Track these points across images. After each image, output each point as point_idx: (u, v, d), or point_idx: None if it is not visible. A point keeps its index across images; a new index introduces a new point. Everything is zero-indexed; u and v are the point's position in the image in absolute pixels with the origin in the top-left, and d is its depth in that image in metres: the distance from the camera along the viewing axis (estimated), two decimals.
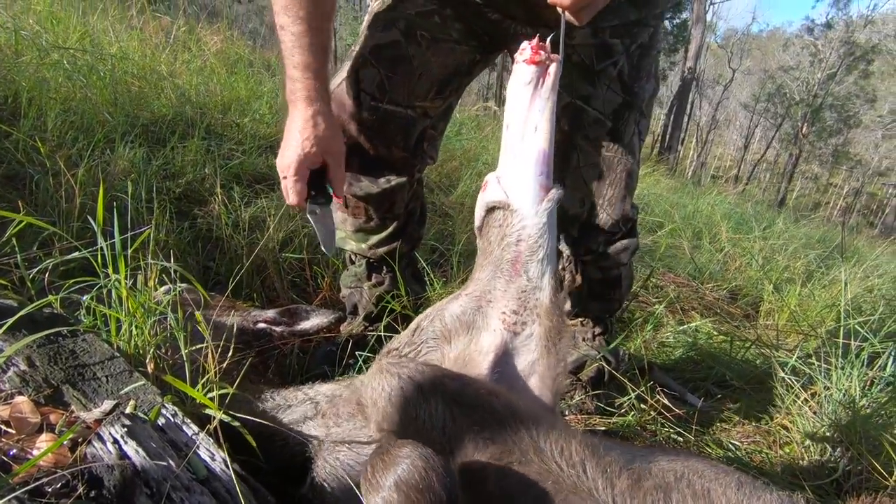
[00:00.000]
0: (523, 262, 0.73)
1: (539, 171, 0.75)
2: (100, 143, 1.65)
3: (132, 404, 0.61)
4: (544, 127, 0.76)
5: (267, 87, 3.19)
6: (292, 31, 0.86)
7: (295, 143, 0.88)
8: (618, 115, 1.08)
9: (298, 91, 0.88)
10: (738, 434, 1.42)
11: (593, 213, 1.14)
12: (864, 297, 2.54)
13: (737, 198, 6.60)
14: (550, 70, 0.78)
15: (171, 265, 0.71)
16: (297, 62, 0.87)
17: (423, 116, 1.11)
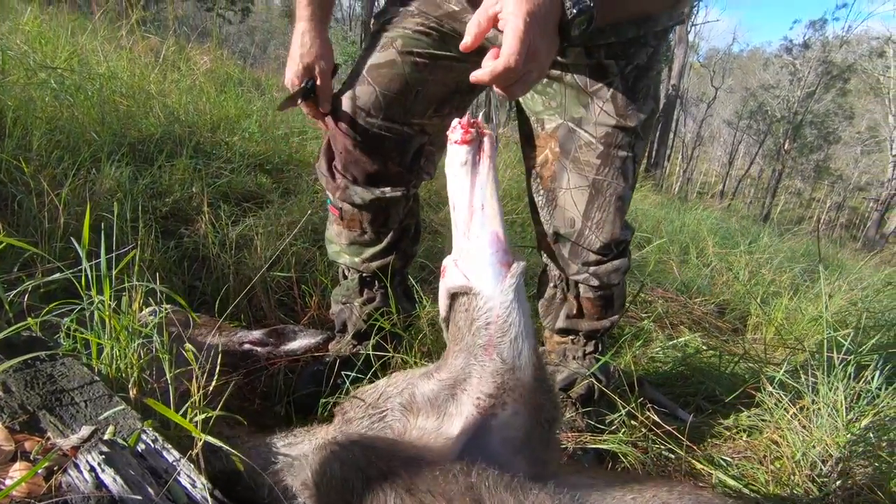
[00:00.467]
0: (495, 345, 0.69)
1: (494, 250, 0.72)
2: (85, 163, 1.64)
3: (111, 430, 0.59)
4: (490, 203, 0.74)
5: (256, 106, 3.20)
6: None
7: (296, 54, 1.06)
8: (610, 137, 1.06)
9: (299, 11, 1.06)
10: (728, 450, 1.42)
11: (583, 234, 1.13)
12: (849, 309, 2.57)
13: (722, 213, 6.70)
14: (485, 145, 0.76)
15: (157, 286, 0.69)
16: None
17: (420, 133, 1.11)
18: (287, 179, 2.37)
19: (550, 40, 0.77)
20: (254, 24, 22.89)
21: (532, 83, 0.78)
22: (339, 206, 1.16)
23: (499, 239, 0.73)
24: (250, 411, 0.90)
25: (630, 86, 1.04)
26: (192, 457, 0.58)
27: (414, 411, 0.72)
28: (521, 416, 0.66)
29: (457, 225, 0.77)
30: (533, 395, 0.67)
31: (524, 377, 0.67)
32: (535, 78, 0.78)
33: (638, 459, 1.22)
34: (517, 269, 0.72)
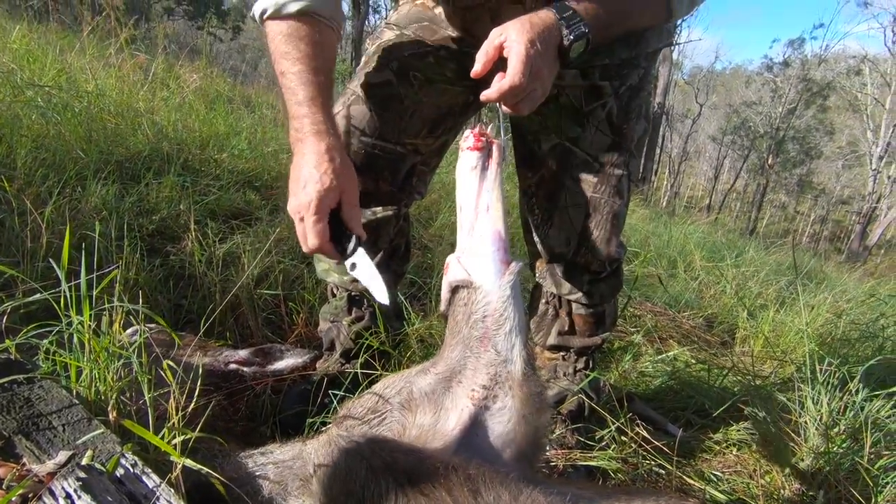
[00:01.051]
0: (490, 337, 0.74)
1: (496, 248, 0.78)
2: (71, 181, 1.63)
3: (89, 454, 0.58)
4: (495, 206, 0.80)
5: (246, 123, 3.21)
6: (292, 72, 0.86)
7: (312, 179, 0.81)
8: (606, 156, 1.08)
9: (306, 127, 0.85)
10: (719, 464, 1.41)
11: (579, 252, 1.14)
12: (834, 321, 2.60)
13: (709, 226, 6.79)
14: (493, 153, 0.83)
15: (138, 307, 0.69)
16: (300, 98, 0.85)
17: (412, 153, 1.11)
18: (276, 196, 2.36)
19: (551, 62, 0.84)
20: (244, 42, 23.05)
21: (537, 100, 0.84)
22: None
23: (501, 238, 0.79)
24: (235, 432, 0.88)
25: (624, 105, 1.08)
26: (172, 481, 0.57)
27: (412, 409, 0.74)
28: (511, 411, 0.68)
29: (462, 225, 0.82)
30: (522, 388, 0.69)
31: (515, 370, 0.70)
32: (540, 96, 0.84)
33: (628, 476, 1.21)
34: (516, 267, 0.78)
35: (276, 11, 0.86)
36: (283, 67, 0.87)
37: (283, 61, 0.87)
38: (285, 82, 0.87)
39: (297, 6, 0.86)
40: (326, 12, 0.89)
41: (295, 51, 0.86)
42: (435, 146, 1.15)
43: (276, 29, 0.88)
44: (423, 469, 0.56)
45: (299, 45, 0.86)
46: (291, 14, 0.86)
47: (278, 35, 0.87)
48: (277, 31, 0.88)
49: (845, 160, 27.41)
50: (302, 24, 0.87)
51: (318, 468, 0.61)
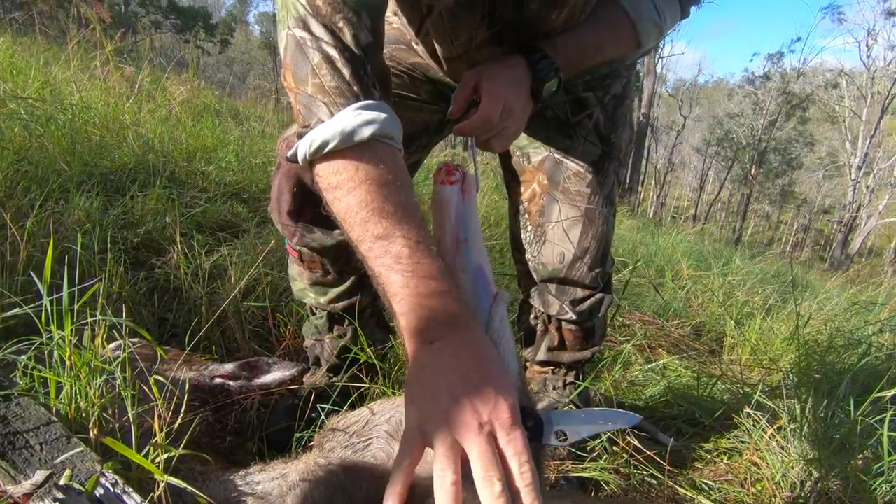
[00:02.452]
0: None
1: (480, 281, 0.76)
2: (54, 193, 1.60)
3: (67, 474, 0.56)
4: (474, 238, 0.78)
5: (234, 135, 3.20)
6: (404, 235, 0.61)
7: (499, 371, 0.55)
8: (597, 166, 1.09)
9: (455, 307, 0.59)
10: (710, 473, 1.41)
11: (574, 267, 1.13)
12: (821, 328, 2.64)
13: (696, 236, 6.89)
14: (468, 185, 0.81)
15: (121, 320, 0.67)
16: (429, 271, 0.60)
17: None
18: (264, 209, 2.34)
19: (524, 101, 0.86)
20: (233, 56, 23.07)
21: (510, 138, 0.85)
22: (297, 248, 1.11)
23: (483, 271, 0.77)
24: (221, 449, 0.86)
25: (610, 115, 1.09)
26: (154, 500, 0.55)
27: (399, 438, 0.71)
28: None
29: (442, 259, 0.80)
30: None
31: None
32: (513, 133, 0.85)
33: (620, 486, 1.21)
34: (501, 298, 0.75)
35: (344, 142, 0.63)
36: (381, 230, 0.61)
37: (379, 220, 0.61)
38: (393, 248, 0.60)
39: (371, 130, 0.64)
40: (397, 133, 0.69)
41: (393, 207, 0.62)
42: (408, 163, 1.15)
43: (350, 172, 0.63)
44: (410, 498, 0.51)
45: (398, 195, 0.63)
46: (364, 143, 0.63)
47: (360, 182, 0.62)
48: (356, 175, 0.63)
49: (825, 170, 28.06)
50: (386, 164, 0.64)
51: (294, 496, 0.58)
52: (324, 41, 0.67)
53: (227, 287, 1.42)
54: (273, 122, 4.01)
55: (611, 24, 0.93)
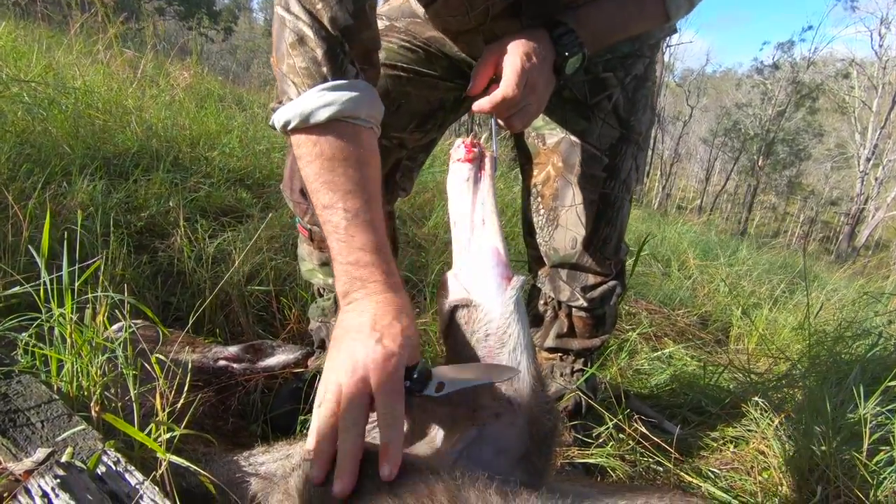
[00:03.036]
0: (494, 357, 0.70)
1: (495, 263, 0.74)
2: (56, 176, 1.59)
3: (69, 452, 0.55)
4: (491, 219, 0.77)
5: (238, 122, 3.17)
6: (345, 208, 0.68)
7: (393, 330, 0.62)
8: (615, 149, 1.05)
9: (374, 276, 0.67)
10: (716, 461, 1.40)
11: (586, 253, 1.10)
12: (828, 319, 2.61)
13: (702, 227, 6.83)
14: (486, 164, 0.80)
15: (124, 297, 0.66)
16: (361, 242, 0.68)
17: (398, 147, 1.07)
18: (268, 195, 2.33)
19: (547, 77, 0.82)
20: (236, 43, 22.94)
21: (531, 116, 0.82)
22: (308, 227, 1.11)
23: (499, 253, 0.75)
24: (224, 430, 0.86)
25: (630, 96, 1.05)
26: (157, 478, 0.54)
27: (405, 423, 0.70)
28: (518, 427, 0.64)
29: (458, 241, 0.78)
30: (530, 406, 0.66)
31: (523, 389, 0.66)
32: (534, 111, 0.82)
33: (626, 473, 1.20)
34: (517, 282, 0.73)
35: (303, 122, 0.70)
36: (327, 200, 0.69)
37: (327, 192, 0.69)
38: (334, 219, 0.69)
39: (329, 112, 0.69)
40: (364, 112, 0.72)
41: (343, 179, 0.69)
42: (423, 142, 1.12)
43: (308, 147, 0.70)
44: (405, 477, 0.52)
45: (347, 170, 0.69)
46: (321, 124, 0.69)
47: (315, 157, 0.70)
48: (312, 150, 0.70)
49: (834, 162, 27.77)
50: (344, 140, 0.70)
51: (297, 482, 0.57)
52: (301, 20, 0.70)
53: (231, 271, 1.41)
54: None
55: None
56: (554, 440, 0.65)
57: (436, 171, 3.62)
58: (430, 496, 0.48)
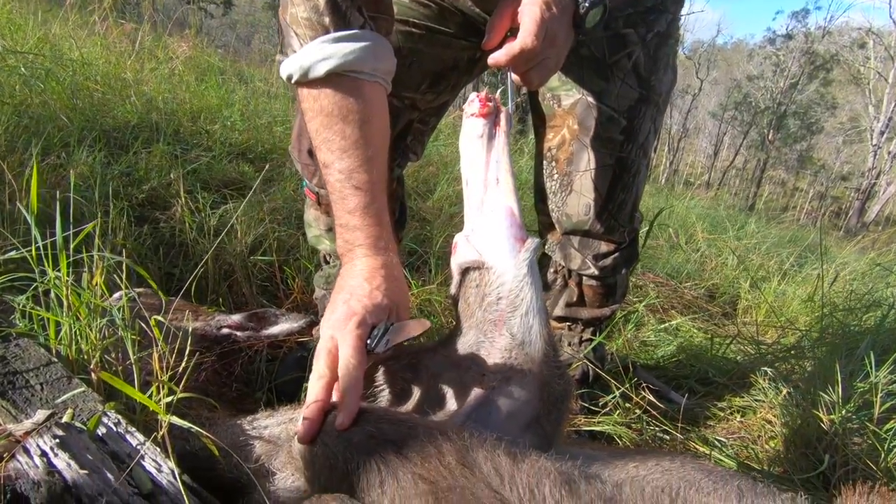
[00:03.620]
0: (505, 321, 0.68)
1: (509, 224, 0.72)
2: (55, 147, 1.57)
3: (69, 413, 0.54)
4: (505, 178, 0.74)
5: (239, 95, 3.13)
6: (339, 169, 0.69)
7: (360, 292, 0.66)
8: (633, 111, 1.00)
9: (359, 240, 0.71)
10: (723, 430, 1.40)
11: (599, 220, 1.07)
12: (839, 291, 2.58)
13: (709, 202, 6.74)
14: (501, 120, 0.76)
15: (122, 259, 0.64)
16: (351, 206, 0.70)
17: (410, 108, 1.04)
18: (270, 168, 2.30)
19: (567, 30, 0.78)
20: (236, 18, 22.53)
21: (550, 71, 0.79)
22: (315, 190, 1.09)
23: (513, 214, 0.73)
24: (229, 397, 0.85)
25: (651, 54, 1.00)
26: (158, 440, 0.53)
27: (414, 385, 0.69)
28: (528, 391, 0.63)
29: (470, 201, 0.76)
30: (542, 371, 0.64)
31: (533, 353, 0.65)
32: (553, 66, 0.78)
33: (633, 441, 1.19)
34: (532, 244, 0.71)
35: (303, 76, 0.69)
36: (325, 158, 0.70)
37: (326, 151, 0.70)
38: (330, 179, 0.70)
39: (328, 66, 0.67)
40: (368, 66, 0.70)
41: (339, 138, 0.69)
42: (435, 104, 1.08)
43: (310, 102, 0.70)
44: (413, 439, 0.51)
45: (345, 129, 0.68)
46: (321, 78, 0.68)
47: (316, 112, 0.69)
48: (314, 105, 0.69)
49: (846, 135, 27.22)
50: (342, 94, 0.68)
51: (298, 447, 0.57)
52: None
53: (233, 242, 1.39)
54: (279, 84, 3.91)
55: None
56: (565, 405, 0.64)
57: (440, 145, 3.57)
58: (439, 456, 0.47)
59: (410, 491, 0.46)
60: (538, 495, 0.44)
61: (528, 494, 0.44)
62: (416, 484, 0.46)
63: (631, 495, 0.45)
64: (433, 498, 0.45)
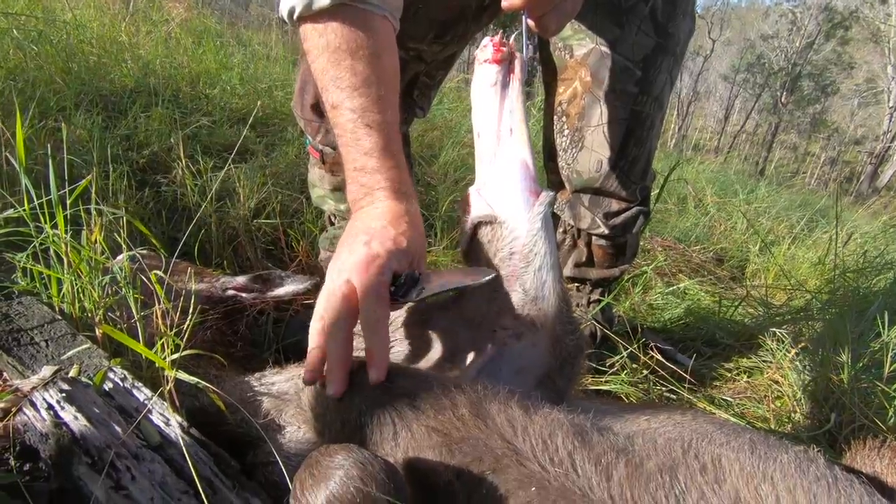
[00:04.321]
0: (518, 276, 0.66)
1: (523, 177, 0.68)
2: (52, 111, 1.54)
3: (76, 369, 0.54)
4: (519, 128, 0.70)
5: (237, 59, 3.05)
6: (351, 108, 0.63)
7: (384, 235, 0.60)
8: (649, 61, 0.95)
9: (380, 183, 0.64)
10: (729, 390, 1.40)
11: (611, 176, 1.03)
12: (849, 254, 2.55)
13: (719, 166, 6.62)
14: (516, 67, 0.72)
15: (115, 212, 0.63)
16: (368, 146, 0.64)
17: (416, 60, 0.99)
18: (272, 133, 2.26)
19: None
20: None
21: (566, 17, 0.75)
22: (319, 148, 1.06)
23: (527, 166, 0.70)
24: (235, 357, 0.85)
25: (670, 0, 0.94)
26: (165, 394, 0.53)
27: (425, 341, 0.68)
28: (540, 347, 0.62)
29: (482, 153, 0.73)
30: (554, 327, 0.63)
31: (546, 309, 0.64)
32: (570, 10, 0.74)
33: (640, 400, 1.20)
34: (546, 198, 0.69)
35: (307, 8, 0.63)
36: (334, 99, 0.65)
37: (335, 90, 0.64)
38: (341, 120, 0.65)
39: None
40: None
41: (349, 75, 0.63)
42: (442, 55, 1.03)
43: (314, 39, 0.64)
44: (426, 392, 0.51)
45: (354, 65, 0.63)
46: (326, 9, 0.62)
47: (322, 49, 0.63)
48: (319, 42, 0.64)
49: (861, 98, 26.43)
50: (350, 27, 0.62)
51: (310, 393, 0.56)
52: None
53: (236, 206, 1.38)
54: (279, 48, 3.81)
55: None
56: (577, 361, 0.63)
57: (444, 109, 3.49)
58: (453, 408, 0.47)
59: (424, 443, 0.46)
60: (551, 446, 0.43)
61: (540, 445, 0.43)
62: (429, 436, 0.46)
63: (643, 446, 0.45)
64: (446, 449, 0.45)
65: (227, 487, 0.46)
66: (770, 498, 0.39)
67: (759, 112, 27.13)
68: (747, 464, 0.43)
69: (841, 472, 0.45)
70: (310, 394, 0.55)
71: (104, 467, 0.42)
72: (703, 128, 34.97)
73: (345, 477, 0.39)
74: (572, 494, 0.41)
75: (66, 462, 0.42)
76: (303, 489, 0.40)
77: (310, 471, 0.41)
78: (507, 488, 0.43)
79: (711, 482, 0.40)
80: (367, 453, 0.41)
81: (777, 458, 0.45)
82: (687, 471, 0.42)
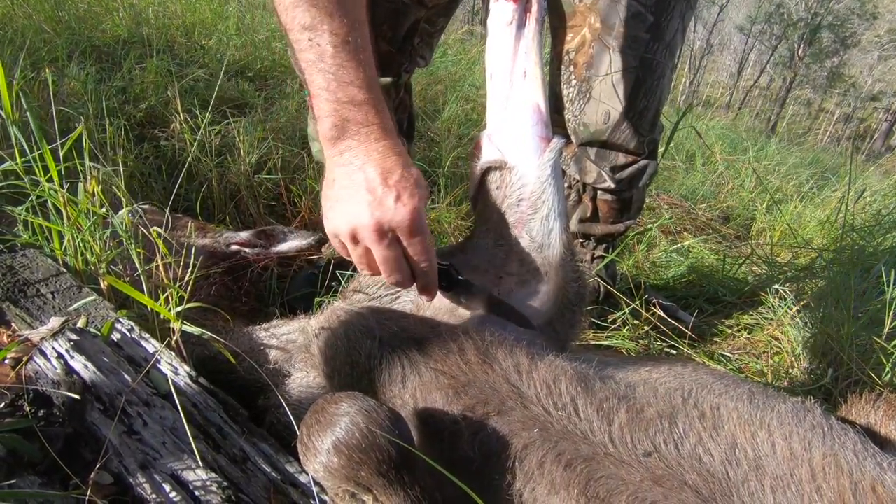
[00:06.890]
0: (525, 223, 0.65)
1: (535, 122, 0.66)
2: (44, 62, 1.49)
3: (83, 320, 0.55)
4: (533, 71, 0.67)
5: (233, 8, 2.93)
6: (330, 30, 0.56)
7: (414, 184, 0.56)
8: (661, 6, 0.91)
9: (370, 118, 0.58)
10: (729, 346, 1.42)
11: (619, 128, 1.00)
12: (857, 212, 2.52)
13: (729, 123, 6.45)
14: (533, 5, 0.68)
15: (108, 169, 0.62)
16: (352, 77, 0.57)
17: (416, 5, 0.95)
18: (271, 87, 2.20)
19: None
20: None
21: None
22: None
23: (540, 111, 0.68)
24: (241, 312, 0.86)
25: None
26: (172, 345, 0.54)
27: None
28: (542, 294, 0.63)
29: (494, 96, 0.71)
30: (558, 275, 0.63)
31: (552, 257, 0.64)
32: None
33: (641, 355, 1.22)
34: (556, 144, 0.67)
35: None
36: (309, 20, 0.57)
37: (308, 8, 0.57)
38: (317, 41, 0.57)
39: None
40: None
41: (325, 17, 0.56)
42: (443, 0, 0.99)
43: None
44: (435, 337, 0.52)
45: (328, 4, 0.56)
46: None
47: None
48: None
49: (882, 50, 25.38)
50: None
51: (320, 340, 0.57)
52: None
53: (237, 161, 1.36)
54: None
55: None
56: (580, 308, 0.64)
57: (448, 62, 3.37)
58: (460, 353, 0.48)
59: (432, 385, 0.47)
60: (555, 391, 0.44)
61: (545, 390, 0.44)
62: (437, 378, 0.47)
63: (644, 394, 0.46)
64: (453, 391, 0.46)
65: (236, 433, 0.47)
66: (766, 444, 0.40)
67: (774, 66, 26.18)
68: (745, 412, 0.44)
69: (836, 422, 0.46)
70: (321, 340, 0.56)
71: (116, 413, 0.43)
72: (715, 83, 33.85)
73: (350, 423, 0.40)
74: (573, 436, 0.42)
75: (79, 409, 0.44)
76: (309, 434, 0.42)
77: (316, 417, 0.42)
78: (511, 429, 0.44)
79: (709, 428, 0.41)
80: (372, 401, 0.42)
81: (774, 408, 0.46)
82: (686, 418, 0.43)
